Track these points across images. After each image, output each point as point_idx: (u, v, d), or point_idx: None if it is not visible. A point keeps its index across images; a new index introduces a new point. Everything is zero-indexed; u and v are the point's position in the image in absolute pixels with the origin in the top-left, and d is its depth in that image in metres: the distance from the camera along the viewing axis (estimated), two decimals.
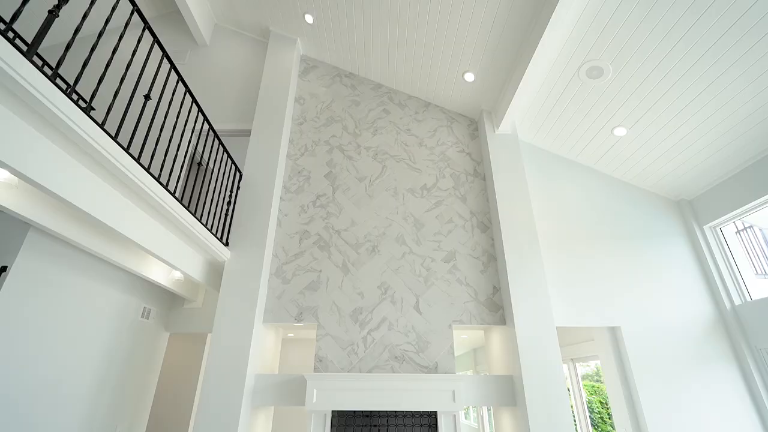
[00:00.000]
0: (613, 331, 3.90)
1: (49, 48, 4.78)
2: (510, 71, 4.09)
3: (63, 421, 3.05)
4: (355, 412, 3.41)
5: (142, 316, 4.03)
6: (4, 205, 2.13)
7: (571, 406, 5.42)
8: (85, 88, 2.70)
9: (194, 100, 3.22)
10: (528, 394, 3.29)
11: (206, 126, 4.54)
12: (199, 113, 3.31)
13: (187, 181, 3.56)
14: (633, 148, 4.21)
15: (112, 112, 2.46)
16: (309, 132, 4.85)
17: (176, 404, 5.29)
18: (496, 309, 3.86)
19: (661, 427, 3.43)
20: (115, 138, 2.18)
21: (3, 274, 2.55)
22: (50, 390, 2.93)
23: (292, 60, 5.02)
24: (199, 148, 4.86)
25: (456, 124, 4.94)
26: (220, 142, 3.78)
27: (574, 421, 5.30)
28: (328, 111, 5.01)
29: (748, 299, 3.83)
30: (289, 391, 3.52)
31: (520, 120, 4.50)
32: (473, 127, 4.93)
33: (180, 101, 4.00)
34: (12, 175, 2.07)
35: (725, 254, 4.08)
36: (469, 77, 4.43)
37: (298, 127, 4.88)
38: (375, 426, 3.40)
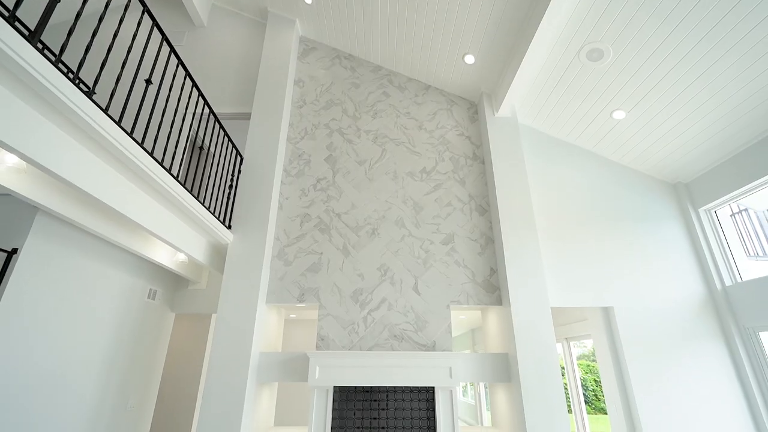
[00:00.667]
0: (606, 311, 4.02)
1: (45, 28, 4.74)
2: (510, 53, 4.07)
3: (78, 395, 3.19)
4: (356, 387, 3.55)
5: (149, 297, 4.14)
6: (13, 189, 2.19)
7: (565, 384, 5.61)
8: (84, 72, 2.71)
9: (194, 84, 3.23)
10: (522, 370, 3.42)
11: (206, 110, 4.55)
12: (200, 97, 3.33)
13: (189, 165, 3.60)
14: (631, 131, 4.22)
15: (110, 95, 2.50)
16: (309, 115, 4.85)
17: (183, 381, 5.48)
18: (493, 290, 3.97)
19: (648, 402, 3.58)
20: (118, 123, 2.22)
21: (14, 256, 2.62)
22: (64, 367, 3.05)
23: (291, 41, 4.98)
24: (200, 133, 4.88)
25: (456, 107, 4.94)
26: (221, 126, 3.80)
27: (567, 397, 5.50)
28: (327, 94, 5.00)
29: (739, 280, 3.93)
30: (292, 368, 3.66)
31: (520, 103, 4.50)
32: (473, 110, 4.93)
33: (180, 85, 4.00)
34: (20, 160, 2.12)
35: (718, 236, 4.16)
36: (470, 59, 4.41)
37: (297, 110, 4.88)
38: (375, 401, 3.54)
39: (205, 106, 3.44)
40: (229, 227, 3.93)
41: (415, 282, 3.98)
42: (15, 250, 2.63)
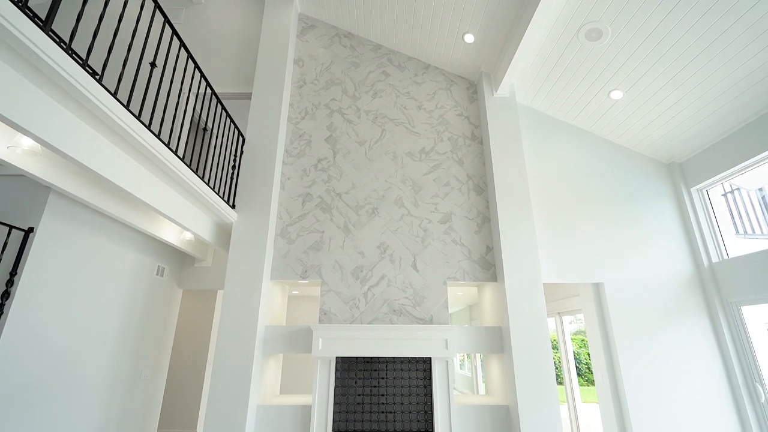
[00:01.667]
0: (597, 287, 4.19)
1: (42, 5, 4.71)
2: (510, 32, 4.07)
3: (97, 365, 3.40)
4: (357, 358, 3.76)
5: (157, 274, 4.31)
6: (29, 170, 2.29)
7: (557, 356, 5.86)
8: (83, 49, 2.75)
9: (196, 66, 3.27)
10: (514, 342, 3.62)
11: (208, 90, 4.57)
12: (201, 78, 3.37)
13: (194, 146, 3.68)
14: (628, 111, 4.27)
15: (118, 80, 2.56)
16: (309, 95, 4.88)
17: (192, 354, 5.74)
18: (488, 267, 4.12)
19: (632, 372, 3.79)
20: (126, 107, 2.30)
21: (30, 234, 2.75)
22: (83, 339, 3.24)
23: (290, 18, 4.94)
24: (203, 115, 4.92)
25: (455, 87, 4.95)
26: (222, 106, 3.85)
27: (559, 368, 5.76)
28: (327, 73, 5.00)
29: (725, 257, 4.07)
30: (296, 340, 3.86)
31: (519, 82, 4.52)
32: (472, 89, 4.94)
33: (181, 66, 4.02)
34: (35, 143, 2.21)
35: (708, 215, 4.28)
36: (469, 38, 4.40)
37: (297, 90, 4.90)
38: (375, 370, 3.76)
39: (207, 87, 3.48)
40: (233, 207, 4.05)
41: (413, 259, 4.13)
42: (31, 229, 2.75)
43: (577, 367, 5.59)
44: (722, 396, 3.74)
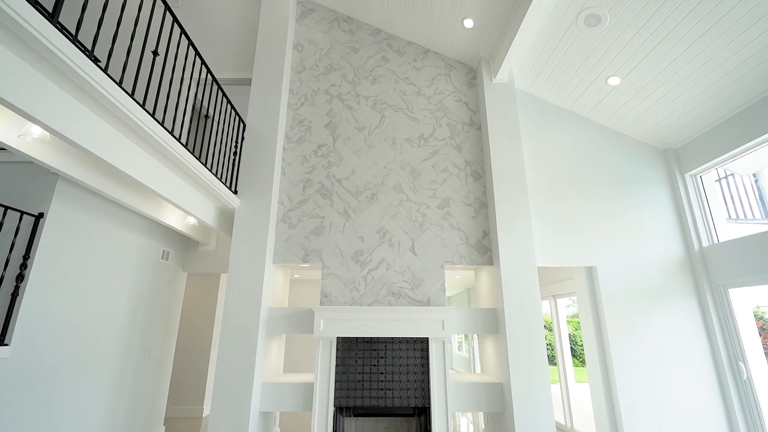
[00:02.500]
0: (590, 270, 4.31)
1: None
2: (509, 17, 4.06)
3: (107, 344, 3.55)
4: (357, 338, 3.91)
5: (162, 258, 4.43)
6: (38, 158, 2.37)
7: (551, 337, 6.04)
8: (87, 39, 2.78)
9: (197, 52, 3.29)
10: (508, 323, 3.76)
11: (209, 77, 4.59)
12: (202, 65, 3.40)
13: (197, 132, 3.73)
14: (626, 97, 4.30)
15: (123, 68, 2.60)
16: (308, 81, 4.89)
17: (197, 334, 5.92)
18: (485, 251, 4.23)
19: (622, 352, 3.95)
20: (131, 95, 2.35)
21: (41, 220, 2.85)
22: (94, 320, 3.38)
23: (289, 1, 4.91)
24: (204, 102, 4.94)
25: (454, 72, 4.96)
26: (222, 92, 3.88)
27: (552, 349, 5.93)
28: (326, 58, 5.00)
29: (716, 241, 4.18)
30: (298, 321, 4.01)
31: (518, 68, 4.53)
32: (471, 75, 4.95)
33: (181, 52, 4.03)
34: (45, 131, 2.28)
35: (701, 200, 4.36)
36: (468, 23, 4.39)
37: (297, 75, 4.91)
38: (375, 350, 3.91)
39: (208, 74, 3.52)
40: (236, 192, 4.13)
41: (412, 244, 4.24)
42: (41, 214, 2.85)
43: (573, 348, 5.77)
44: (706, 373, 3.90)
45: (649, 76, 3.93)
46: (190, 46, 3.19)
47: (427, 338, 3.87)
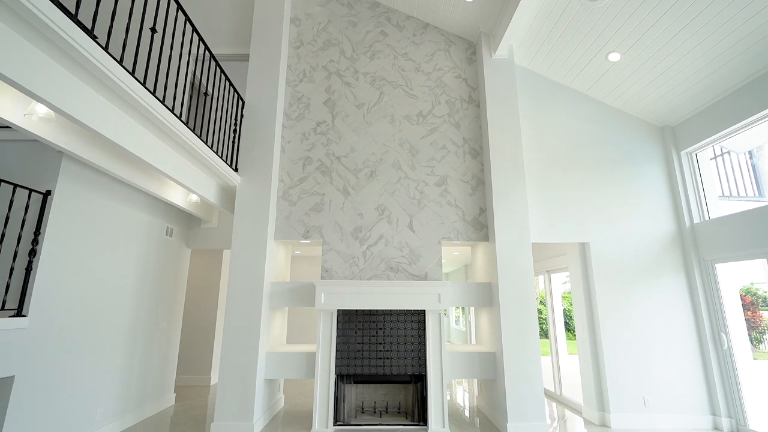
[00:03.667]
0: (583, 246, 4.43)
1: None
2: None
3: (118, 317, 3.70)
4: (357, 310, 4.07)
5: (166, 235, 4.53)
6: (43, 136, 2.42)
7: (542, 311, 6.24)
8: (86, 18, 2.76)
9: (194, 28, 3.27)
10: (502, 296, 3.91)
11: (207, 54, 4.54)
12: (200, 42, 3.39)
13: (197, 111, 3.75)
14: (626, 74, 4.28)
15: (123, 47, 2.61)
16: (306, 56, 4.85)
17: (202, 309, 6.12)
18: (481, 227, 4.34)
19: (609, 323, 4.12)
20: (132, 73, 2.38)
21: (48, 197, 2.92)
22: (104, 294, 3.51)
23: None
24: (202, 79, 4.91)
25: (454, 48, 4.91)
26: (219, 67, 3.87)
27: (545, 322, 6.15)
28: (324, 33, 4.94)
29: (707, 218, 4.27)
30: (300, 295, 4.16)
31: (518, 44, 4.49)
32: (471, 50, 4.90)
33: (176, 27, 3.98)
34: (49, 110, 2.32)
35: (695, 178, 4.43)
36: None
37: (295, 51, 4.86)
38: (374, 322, 4.08)
39: (206, 50, 3.50)
40: (236, 170, 4.19)
41: (410, 220, 4.34)
42: (49, 192, 2.92)
43: (567, 323, 5.98)
44: (690, 344, 4.08)
45: (649, 52, 3.91)
46: (187, 22, 3.17)
47: (424, 310, 4.04)
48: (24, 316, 2.70)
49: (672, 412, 3.93)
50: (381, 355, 3.97)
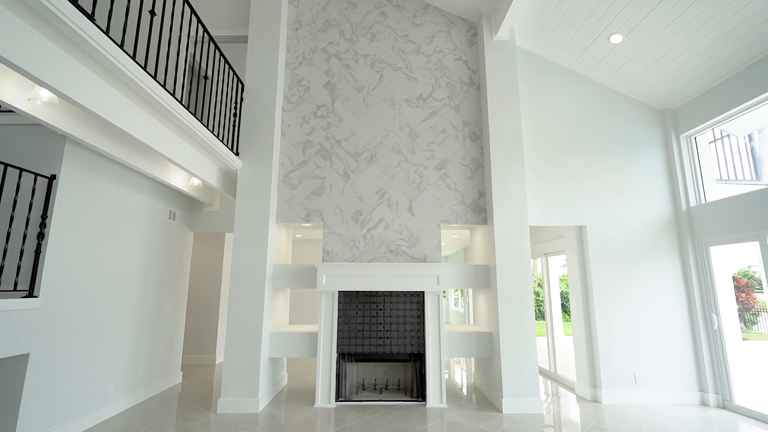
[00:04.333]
0: (580, 229, 4.49)
1: None
2: None
3: (125, 298, 3.80)
4: (357, 292, 4.17)
5: (169, 218, 4.60)
6: (47, 121, 2.45)
7: (540, 293, 6.36)
8: (86, 2, 2.74)
9: (192, 10, 3.24)
10: (499, 278, 4.00)
11: (206, 36, 4.50)
12: (198, 23, 3.36)
13: (197, 95, 3.75)
14: (627, 56, 4.25)
15: (123, 30, 2.61)
16: (305, 38, 4.80)
17: (206, 291, 6.24)
18: (480, 211, 4.39)
19: (604, 303, 4.22)
20: (133, 57, 2.39)
21: (54, 181, 2.97)
22: (111, 276, 3.60)
23: None
24: (202, 63, 4.86)
25: (455, 29, 4.85)
26: (218, 50, 3.85)
27: (541, 303, 6.27)
28: (323, 14, 4.87)
29: (703, 201, 4.32)
30: (301, 277, 4.25)
31: (519, 25, 4.44)
32: (472, 32, 4.85)
33: (175, 8, 3.93)
34: (53, 95, 2.34)
35: (693, 161, 4.45)
36: None
37: (294, 32, 4.81)
38: (374, 303, 4.19)
39: (204, 32, 3.48)
40: (237, 154, 4.21)
41: (409, 204, 4.39)
42: (54, 176, 2.97)
43: (564, 305, 6.11)
44: (681, 322, 4.20)
45: (651, 34, 3.88)
46: (185, 3, 3.14)
47: (423, 292, 4.13)
48: (35, 296, 2.79)
49: (661, 388, 4.07)
50: (381, 334, 4.09)
